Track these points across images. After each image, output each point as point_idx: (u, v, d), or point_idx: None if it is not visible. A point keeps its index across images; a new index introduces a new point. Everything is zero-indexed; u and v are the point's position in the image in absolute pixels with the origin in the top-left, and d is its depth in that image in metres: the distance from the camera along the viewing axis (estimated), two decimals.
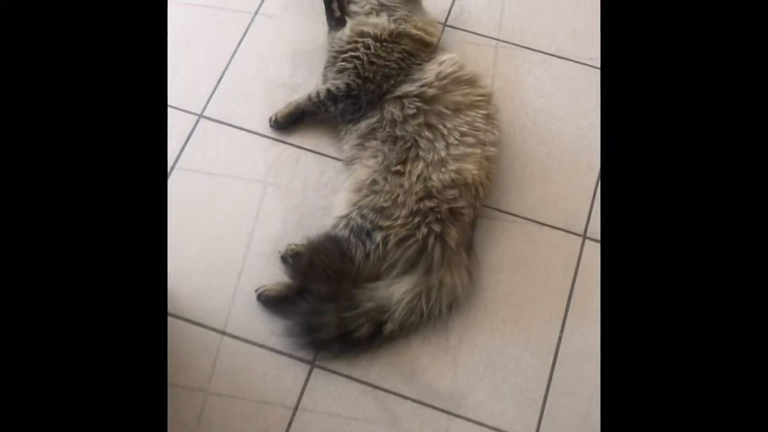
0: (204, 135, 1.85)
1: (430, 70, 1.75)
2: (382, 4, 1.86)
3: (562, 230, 1.76)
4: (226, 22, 2.03)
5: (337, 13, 1.89)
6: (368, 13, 1.85)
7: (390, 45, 1.78)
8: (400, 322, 1.56)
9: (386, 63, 1.76)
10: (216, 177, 1.79)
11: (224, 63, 1.96)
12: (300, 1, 2.06)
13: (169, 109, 1.87)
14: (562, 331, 1.64)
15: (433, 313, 1.59)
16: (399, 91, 1.73)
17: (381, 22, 1.81)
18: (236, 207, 1.76)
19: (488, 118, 1.73)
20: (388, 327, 1.55)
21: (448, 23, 2.06)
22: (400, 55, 1.78)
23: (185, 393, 1.53)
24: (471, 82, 1.77)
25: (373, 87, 1.76)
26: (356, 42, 1.80)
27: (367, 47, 1.78)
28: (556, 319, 1.65)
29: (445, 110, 1.69)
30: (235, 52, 1.98)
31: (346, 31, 1.83)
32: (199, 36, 2.00)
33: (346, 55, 1.80)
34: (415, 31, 1.82)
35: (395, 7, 1.86)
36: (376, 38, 1.79)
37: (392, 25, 1.81)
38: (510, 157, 1.85)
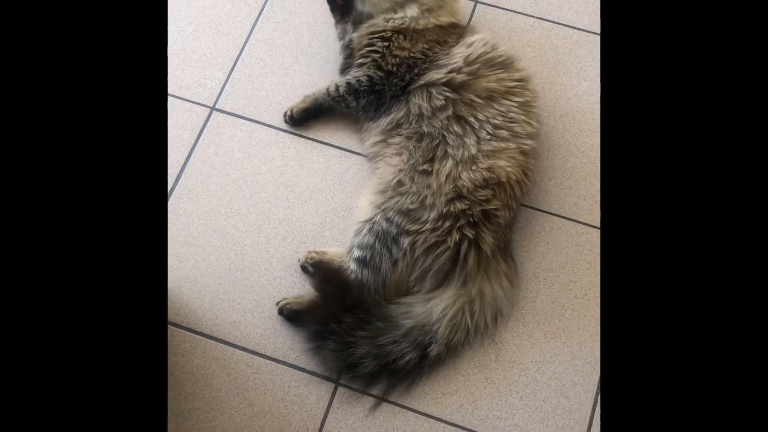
0: (217, 129, 1.73)
1: (458, 54, 1.58)
2: None
3: None
4: (238, 4, 1.87)
5: (340, 1, 1.72)
6: (387, 12, 1.64)
7: (415, 35, 1.61)
8: (446, 342, 1.43)
9: (411, 55, 1.60)
10: (231, 174, 1.67)
11: (237, 50, 1.81)
12: None
13: (179, 101, 1.75)
14: None
15: (479, 327, 1.47)
16: (424, 80, 1.57)
17: (398, 16, 1.62)
18: (253, 207, 1.63)
19: (525, 106, 1.56)
20: (434, 349, 1.42)
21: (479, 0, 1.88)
22: (426, 45, 1.60)
23: (199, 413, 1.43)
24: (506, 64, 1.60)
25: (396, 81, 1.60)
26: (371, 39, 1.63)
27: (386, 40, 1.61)
28: None
29: (476, 99, 1.53)
30: (248, 38, 1.83)
31: (354, 38, 1.66)
32: (209, 21, 1.85)
33: (363, 51, 1.64)
34: (442, 20, 1.63)
35: None
36: (395, 30, 1.62)
37: (413, 24, 1.61)
38: (549, 149, 1.69)
